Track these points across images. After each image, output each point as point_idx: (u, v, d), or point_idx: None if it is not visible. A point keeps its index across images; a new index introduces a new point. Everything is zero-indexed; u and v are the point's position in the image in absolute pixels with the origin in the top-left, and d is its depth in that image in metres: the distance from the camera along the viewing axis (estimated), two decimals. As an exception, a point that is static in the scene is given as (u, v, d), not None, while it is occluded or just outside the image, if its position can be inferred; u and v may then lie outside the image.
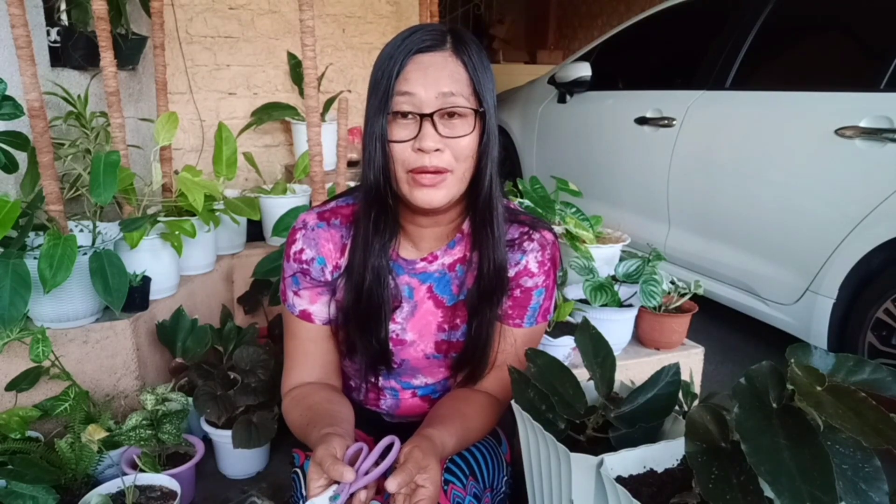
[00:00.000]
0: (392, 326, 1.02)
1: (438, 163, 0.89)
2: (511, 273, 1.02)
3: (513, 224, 1.03)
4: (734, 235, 2.48)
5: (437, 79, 0.88)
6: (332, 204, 1.04)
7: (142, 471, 1.44)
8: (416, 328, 1.03)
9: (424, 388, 1.10)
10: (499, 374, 1.04)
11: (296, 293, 1.02)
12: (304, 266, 1.00)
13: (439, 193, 0.90)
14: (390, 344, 1.03)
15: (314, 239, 1.00)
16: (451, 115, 0.89)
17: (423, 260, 1.02)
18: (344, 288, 1.00)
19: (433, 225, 0.99)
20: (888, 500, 0.59)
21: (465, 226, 1.01)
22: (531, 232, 1.03)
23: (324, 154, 1.93)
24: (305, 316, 1.02)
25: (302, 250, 1.00)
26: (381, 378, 1.08)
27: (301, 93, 3.06)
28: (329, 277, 1.00)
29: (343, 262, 1.00)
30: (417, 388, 1.10)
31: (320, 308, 1.02)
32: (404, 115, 0.89)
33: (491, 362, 1.04)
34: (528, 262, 1.02)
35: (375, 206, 0.94)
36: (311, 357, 1.04)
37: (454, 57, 0.90)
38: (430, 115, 0.87)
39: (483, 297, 0.99)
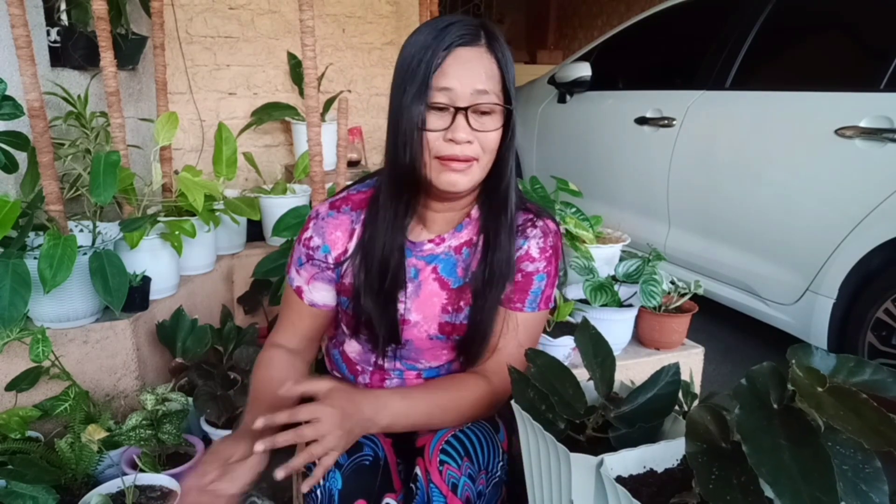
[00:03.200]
0: (397, 305, 1.06)
1: (468, 152, 0.94)
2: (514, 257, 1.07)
3: (518, 211, 1.08)
4: (734, 235, 2.48)
5: (474, 75, 0.92)
6: (345, 193, 1.10)
7: (142, 471, 1.44)
8: (421, 309, 1.07)
9: (428, 370, 1.13)
10: (497, 357, 1.07)
11: (297, 271, 1.11)
12: (310, 252, 1.08)
13: (464, 178, 0.96)
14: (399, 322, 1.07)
15: (323, 228, 1.07)
16: (483, 110, 0.94)
17: (430, 242, 1.07)
18: (357, 266, 1.05)
19: (447, 210, 1.05)
20: (888, 501, 0.59)
21: (474, 211, 1.06)
22: (535, 219, 1.08)
23: (324, 154, 1.93)
24: (298, 291, 1.11)
25: (311, 238, 1.07)
26: (387, 360, 1.12)
27: (301, 93, 3.06)
28: (331, 263, 1.07)
29: (352, 244, 1.06)
30: (422, 371, 1.13)
31: (309, 289, 1.10)
32: (438, 106, 0.93)
33: (492, 347, 1.08)
34: (530, 247, 1.07)
35: (406, 187, 0.99)
36: (294, 327, 1.14)
37: (489, 53, 0.94)
38: (465, 110, 0.92)
39: (488, 282, 1.04)
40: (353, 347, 1.17)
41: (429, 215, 1.05)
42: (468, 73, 0.92)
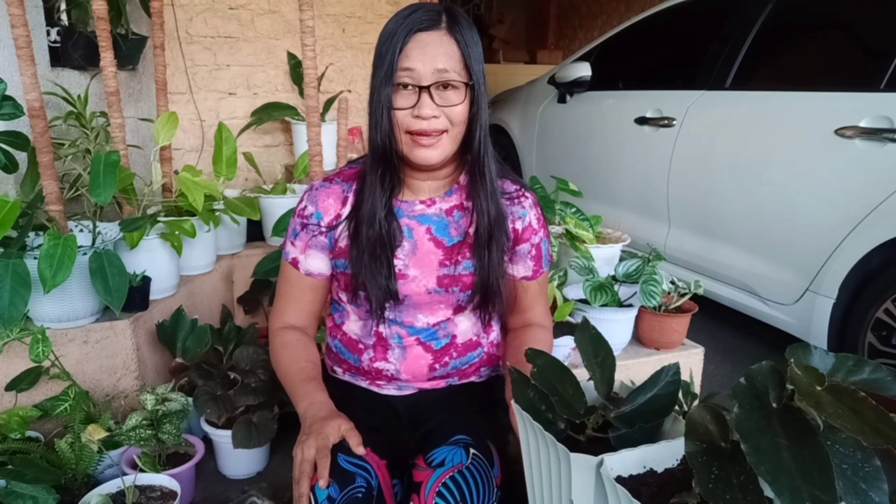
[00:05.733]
0: (395, 262, 1.14)
1: (436, 125, 1.04)
2: (519, 227, 1.18)
3: (505, 180, 1.20)
4: (734, 235, 2.48)
5: (434, 56, 1.02)
6: (337, 170, 1.22)
7: (142, 471, 1.44)
8: (419, 265, 1.15)
9: (426, 330, 1.18)
10: (536, 309, 1.26)
11: (292, 243, 1.19)
12: (305, 220, 1.17)
13: (435, 152, 1.06)
14: (395, 276, 1.14)
15: (316, 197, 1.17)
16: (446, 87, 1.03)
17: (421, 203, 1.16)
18: (350, 229, 1.14)
19: (429, 179, 1.15)
20: (888, 499, 0.59)
21: (462, 178, 1.16)
22: (523, 190, 1.21)
23: (324, 154, 1.93)
24: (294, 263, 1.19)
25: (305, 207, 1.18)
26: (385, 325, 1.17)
27: (301, 93, 3.05)
28: (324, 228, 1.16)
29: (345, 210, 1.15)
30: (421, 333, 1.17)
31: (304, 258, 1.18)
32: (405, 86, 1.03)
33: (522, 303, 1.24)
34: (531, 220, 1.20)
35: (382, 163, 1.09)
36: (295, 301, 1.22)
37: (448, 35, 1.03)
38: (428, 88, 1.02)
39: (483, 241, 1.13)
40: (352, 324, 1.21)
41: (415, 184, 1.15)
42: (428, 55, 1.01)
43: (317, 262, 1.18)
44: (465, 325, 1.20)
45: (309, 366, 1.17)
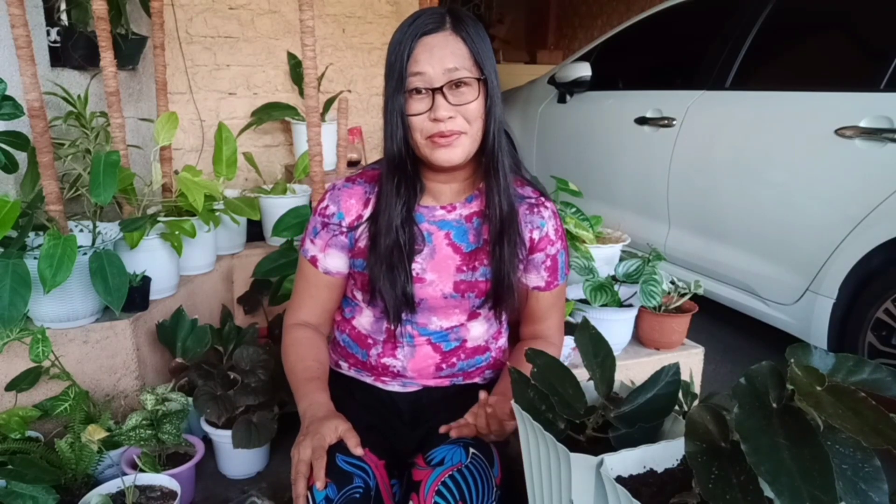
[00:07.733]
0: (413, 266, 1.14)
1: (453, 127, 1.04)
2: (536, 236, 1.18)
3: (526, 185, 1.21)
4: (734, 235, 2.48)
5: (441, 57, 1.02)
6: (360, 170, 1.22)
7: (142, 471, 1.44)
8: (436, 269, 1.15)
9: (439, 333, 1.19)
10: (549, 323, 1.25)
11: (311, 241, 1.20)
12: (326, 220, 1.17)
13: (456, 151, 1.06)
14: (413, 281, 1.14)
15: (338, 197, 1.17)
16: (458, 85, 1.03)
17: (442, 208, 1.16)
18: (369, 232, 1.14)
19: (450, 181, 1.15)
20: (888, 500, 0.59)
21: (483, 185, 1.16)
22: (542, 199, 1.20)
23: (324, 154, 1.93)
24: (313, 261, 1.20)
25: (327, 206, 1.18)
26: (399, 325, 1.17)
27: (301, 93, 3.05)
28: (345, 228, 1.16)
29: (367, 212, 1.16)
30: (432, 335, 1.18)
31: (324, 257, 1.19)
32: (418, 91, 1.04)
33: (524, 312, 1.25)
34: (548, 230, 1.19)
35: (398, 171, 1.10)
36: (312, 300, 1.23)
37: (454, 35, 1.04)
38: (440, 89, 1.02)
39: (495, 237, 1.13)
40: (363, 319, 1.21)
41: (437, 188, 1.15)
42: (436, 56, 1.02)
43: (336, 261, 1.19)
44: (478, 331, 1.21)
45: (315, 365, 1.17)
